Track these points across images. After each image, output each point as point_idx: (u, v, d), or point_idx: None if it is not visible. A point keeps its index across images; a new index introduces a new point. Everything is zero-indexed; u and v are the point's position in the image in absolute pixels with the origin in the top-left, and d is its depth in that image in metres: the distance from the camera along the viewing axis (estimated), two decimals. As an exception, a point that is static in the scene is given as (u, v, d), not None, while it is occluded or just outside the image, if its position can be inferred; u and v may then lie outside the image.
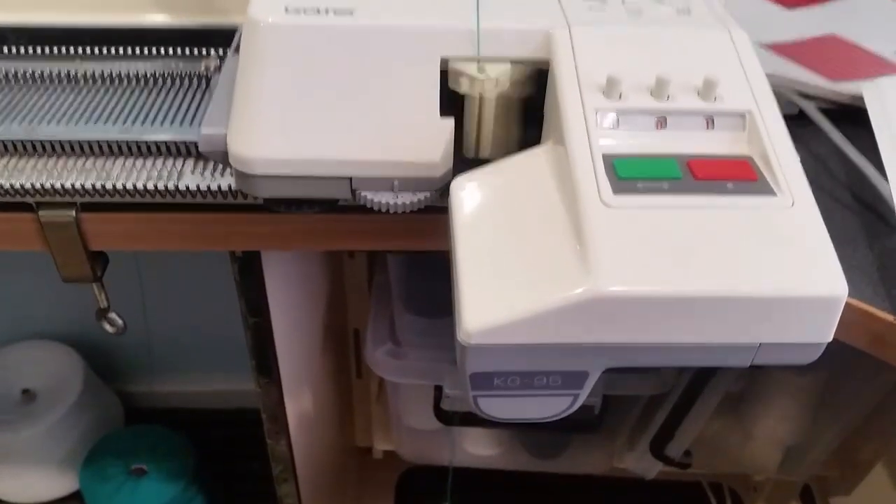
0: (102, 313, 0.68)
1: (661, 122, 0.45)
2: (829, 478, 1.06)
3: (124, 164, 0.58)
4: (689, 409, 0.87)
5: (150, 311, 1.27)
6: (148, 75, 0.66)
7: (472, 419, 0.93)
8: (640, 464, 1.00)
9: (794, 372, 0.88)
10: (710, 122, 0.46)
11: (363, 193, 0.51)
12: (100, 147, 0.58)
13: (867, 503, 1.00)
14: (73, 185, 0.56)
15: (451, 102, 0.50)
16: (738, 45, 0.50)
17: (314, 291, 0.85)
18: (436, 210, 0.52)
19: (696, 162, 0.43)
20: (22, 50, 0.66)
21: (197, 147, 0.52)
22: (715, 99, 0.46)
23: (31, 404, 1.22)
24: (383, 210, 0.51)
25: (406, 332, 0.86)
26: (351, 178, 0.51)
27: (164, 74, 0.66)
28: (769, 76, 0.48)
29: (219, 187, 0.56)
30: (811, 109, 0.62)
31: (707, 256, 0.39)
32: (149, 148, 0.59)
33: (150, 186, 0.56)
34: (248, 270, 0.65)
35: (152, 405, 1.38)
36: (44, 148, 0.58)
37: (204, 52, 0.67)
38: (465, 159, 0.52)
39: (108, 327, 0.69)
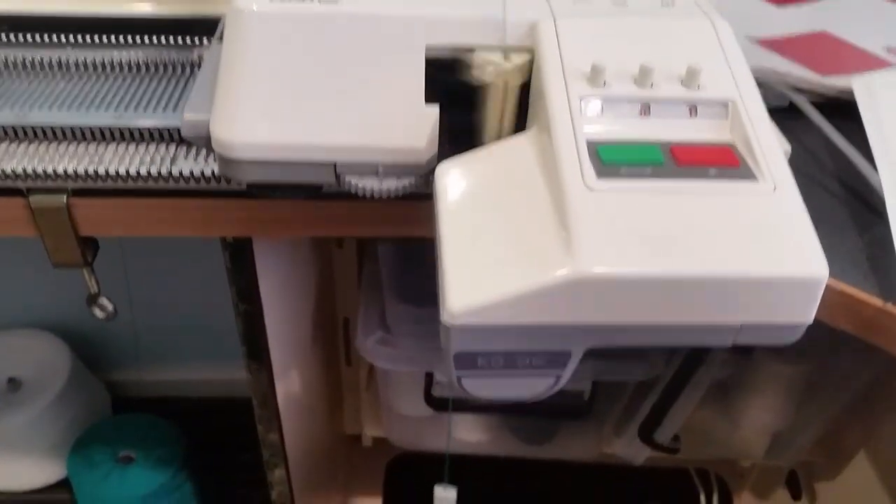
0: (93, 299, 0.68)
1: (645, 110, 0.46)
2: (814, 463, 1.07)
3: (116, 149, 0.58)
4: (678, 395, 0.87)
5: (136, 299, 1.27)
6: (140, 63, 0.66)
7: (462, 405, 0.94)
8: (629, 449, 1.00)
9: (781, 361, 0.89)
10: (693, 110, 0.46)
11: (347, 178, 0.51)
12: (92, 133, 0.59)
13: (851, 488, 1.01)
14: (65, 170, 0.56)
15: (445, 91, 0.50)
16: (721, 35, 0.50)
17: (304, 280, 0.86)
18: (422, 197, 0.53)
19: (678, 148, 0.44)
20: (12, 37, 0.66)
21: (188, 133, 0.52)
22: (698, 87, 0.47)
23: (16, 393, 1.22)
24: (367, 195, 0.52)
25: (396, 321, 0.86)
26: (335, 164, 0.51)
27: (154, 63, 0.66)
28: (761, 69, 0.49)
29: (212, 172, 0.57)
30: (802, 102, 0.63)
31: (689, 239, 0.39)
32: (141, 134, 0.59)
33: (144, 172, 0.56)
34: (240, 257, 0.65)
35: (139, 394, 1.38)
36: (35, 134, 0.59)
37: (196, 41, 0.67)
38: (448, 147, 0.52)
39: (98, 313, 0.69)
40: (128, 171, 0.56)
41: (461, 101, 0.51)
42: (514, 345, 0.41)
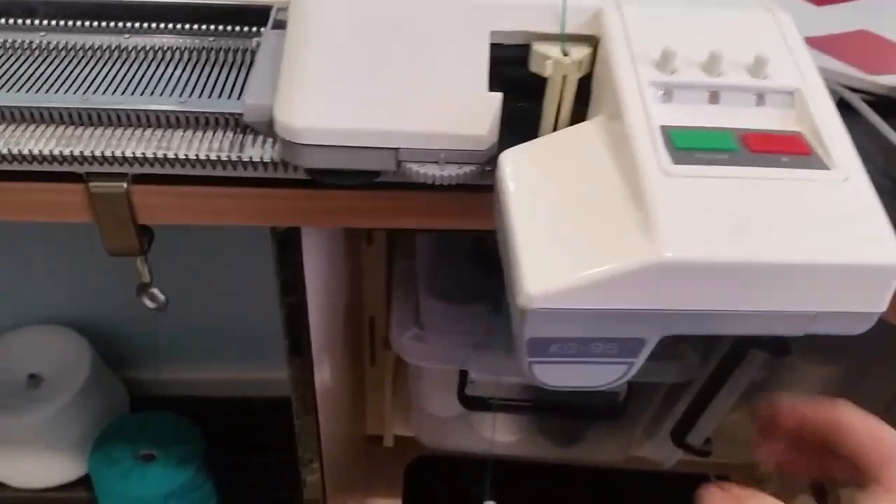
0: (144, 288, 0.68)
1: (714, 97, 0.46)
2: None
3: (183, 135, 0.58)
4: (713, 398, 0.87)
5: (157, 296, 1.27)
6: (197, 50, 0.65)
7: (497, 405, 0.93)
8: (660, 452, 1.00)
9: (815, 362, 0.88)
10: (760, 98, 0.46)
11: (408, 165, 0.51)
12: (157, 119, 0.58)
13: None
14: (124, 154, 0.55)
15: (504, 80, 0.50)
16: (783, 27, 0.50)
17: (339, 276, 0.85)
18: (478, 189, 0.53)
19: (750, 135, 0.44)
20: (71, 23, 0.66)
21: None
22: (765, 76, 0.46)
23: (37, 389, 1.21)
24: (428, 182, 0.52)
25: (431, 317, 0.86)
26: (397, 150, 0.51)
27: (210, 50, 0.65)
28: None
29: (279, 160, 0.56)
30: (855, 99, 0.63)
31: (767, 225, 0.39)
32: (207, 120, 0.58)
33: (213, 156, 0.56)
34: (287, 248, 0.64)
35: (157, 392, 1.38)
36: (99, 118, 0.58)
37: (248, 29, 0.67)
38: (509, 135, 0.52)
39: (148, 303, 0.68)
40: (197, 156, 0.56)
41: (517, 90, 0.51)
42: (589, 331, 0.40)
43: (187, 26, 0.66)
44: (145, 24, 0.66)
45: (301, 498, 0.90)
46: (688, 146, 0.42)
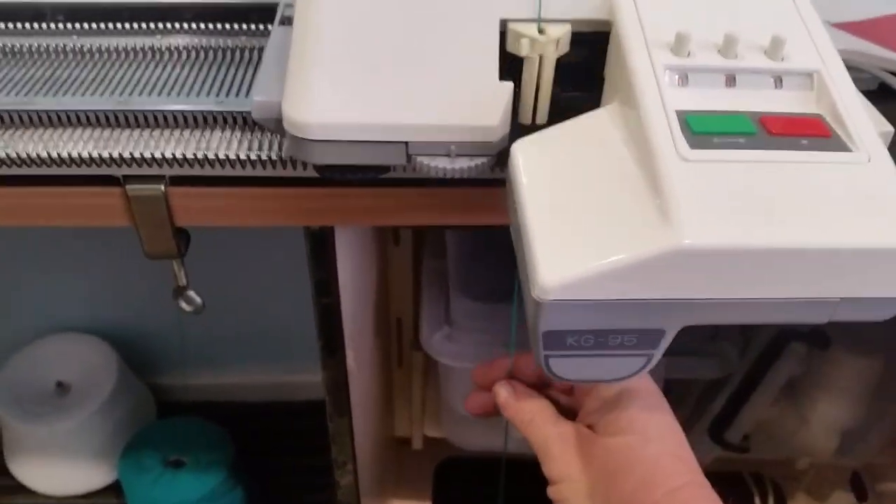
0: (180, 291, 0.67)
1: (731, 81, 0.44)
2: (879, 464, 1.04)
3: (221, 135, 0.57)
4: (752, 393, 0.85)
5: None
6: (230, 48, 0.65)
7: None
8: (696, 449, 0.98)
9: (854, 353, 0.86)
10: (778, 81, 0.45)
11: (419, 159, 0.50)
12: (194, 119, 0.57)
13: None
14: (163, 155, 0.55)
15: (509, 67, 0.49)
16: (800, 7, 0.49)
17: (368, 277, 0.84)
18: (494, 183, 0.52)
19: (768, 118, 0.43)
20: (102, 25, 0.65)
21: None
22: (783, 58, 0.45)
23: (64, 397, 1.22)
24: (439, 175, 0.51)
25: (462, 316, 0.85)
26: (407, 143, 0.50)
27: (242, 48, 0.65)
28: (847, 51, 0.47)
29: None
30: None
31: (788, 210, 0.38)
32: (244, 120, 0.58)
33: (254, 156, 0.55)
34: (321, 248, 0.64)
35: (184, 398, 1.38)
36: (136, 120, 0.57)
37: (256, 27, 0.66)
38: (519, 126, 0.51)
39: (185, 306, 0.68)
40: (238, 156, 0.55)
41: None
42: (607, 322, 0.39)
43: (196, 25, 0.66)
44: (159, 25, 0.66)
45: (332, 501, 0.90)
46: (705, 130, 0.41)
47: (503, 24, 0.48)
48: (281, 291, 1.25)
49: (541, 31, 0.48)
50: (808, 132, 0.42)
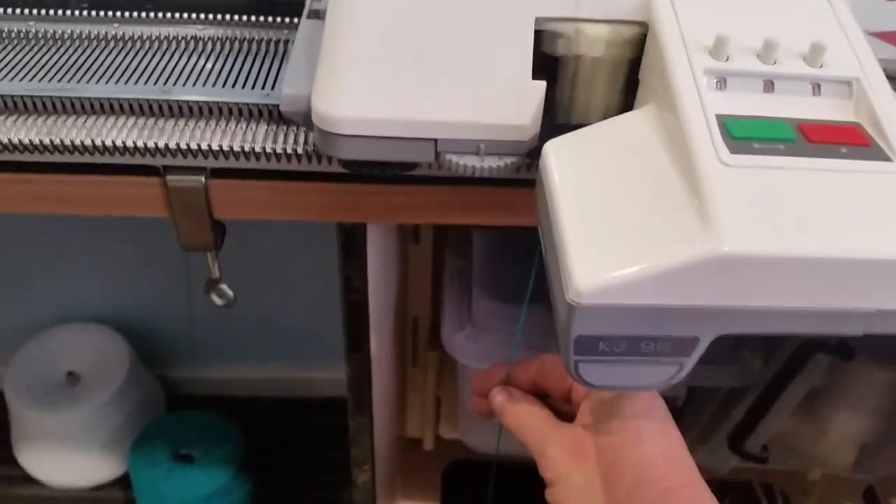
0: (213, 284, 0.67)
1: (769, 86, 0.44)
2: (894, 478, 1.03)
3: (267, 128, 0.56)
4: (773, 403, 0.85)
5: (195, 294, 1.26)
6: (257, 39, 0.65)
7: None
8: (714, 458, 0.97)
9: (879, 365, 0.85)
10: (816, 88, 0.44)
11: (448, 157, 0.50)
12: (239, 111, 0.57)
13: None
14: (209, 146, 0.54)
15: (541, 67, 0.48)
16: (839, 13, 0.48)
17: (390, 274, 0.84)
18: (523, 183, 0.51)
19: (807, 125, 0.42)
20: (144, 14, 0.65)
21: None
22: (822, 65, 0.44)
23: (75, 387, 1.21)
24: (468, 174, 0.50)
25: (485, 317, 0.84)
26: (436, 140, 0.49)
27: (269, 40, 0.65)
28: (888, 60, 0.47)
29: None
30: None
31: (829, 218, 0.37)
32: (279, 113, 0.57)
33: (300, 150, 0.55)
34: (352, 244, 0.63)
35: (193, 391, 1.37)
36: (180, 110, 0.57)
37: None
38: (551, 126, 0.50)
39: (216, 299, 0.67)
40: (285, 150, 0.55)
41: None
42: (641, 328, 0.38)
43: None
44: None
45: (345, 499, 0.89)
46: (745, 136, 0.40)
47: (540, 23, 0.47)
48: (294, 286, 1.25)
49: (581, 32, 0.47)
50: (847, 140, 0.41)
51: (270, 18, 0.65)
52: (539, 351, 0.57)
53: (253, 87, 0.59)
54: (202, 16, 0.65)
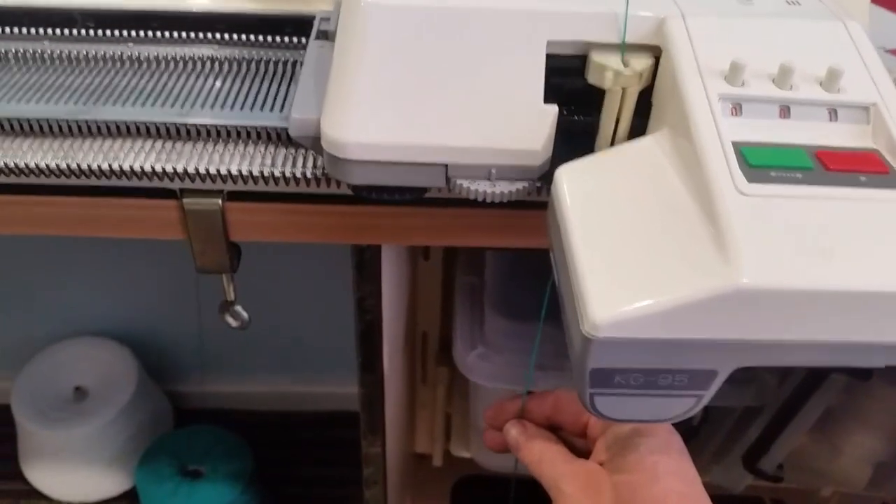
0: (227, 306, 0.66)
1: (785, 112, 0.43)
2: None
3: (286, 152, 0.56)
4: (789, 422, 0.84)
5: (204, 309, 1.26)
6: (264, 60, 0.64)
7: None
8: (728, 477, 0.97)
9: (893, 385, 0.85)
10: (833, 113, 0.43)
11: (459, 182, 0.49)
12: (258, 134, 0.56)
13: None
14: (228, 171, 0.54)
15: (557, 91, 0.48)
16: (855, 37, 0.47)
17: (401, 292, 0.83)
18: (534, 206, 0.51)
19: (824, 153, 0.41)
20: (159, 34, 0.65)
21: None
22: (838, 90, 0.44)
23: (83, 402, 1.21)
24: (479, 199, 0.49)
25: (498, 335, 0.84)
26: (447, 166, 0.49)
27: (277, 61, 0.64)
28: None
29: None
30: None
31: (848, 250, 0.36)
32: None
33: (320, 174, 0.54)
34: (368, 266, 0.63)
35: (201, 406, 1.37)
36: (198, 133, 0.56)
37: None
38: (561, 151, 0.49)
39: (231, 321, 0.67)
40: (304, 174, 0.54)
41: (571, 102, 0.48)
42: (658, 361, 0.38)
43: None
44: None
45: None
46: (762, 164, 0.39)
47: (552, 47, 0.47)
48: (303, 301, 1.24)
49: (625, 64, 0.46)
50: (866, 168, 0.40)
51: (280, 38, 0.65)
52: (551, 371, 0.56)
53: (272, 109, 0.58)
54: (211, 35, 0.65)
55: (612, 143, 0.49)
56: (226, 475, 1.15)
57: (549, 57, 0.47)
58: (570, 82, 0.48)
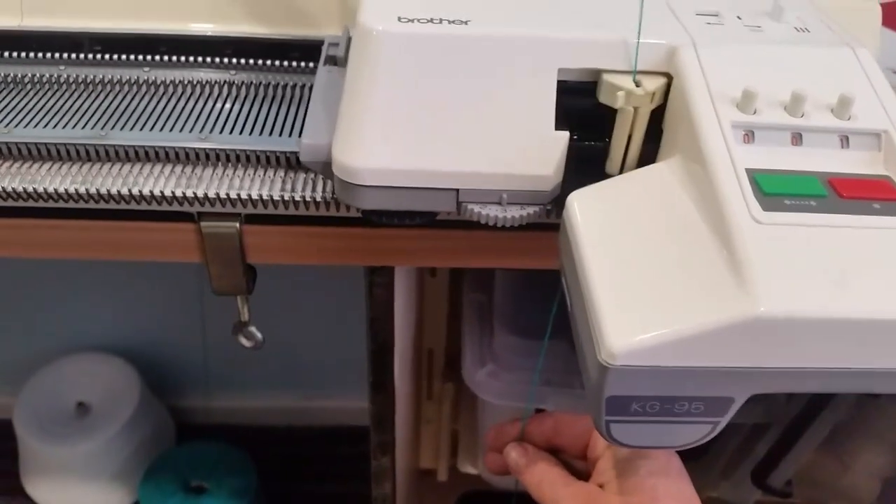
0: (241, 326, 0.66)
1: (797, 139, 0.43)
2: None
3: (305, 177, 0.56)
4: (798, 438, 0.84)
5: (209, 324, 1.26)
6: (273, 84, 0.65)
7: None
8: (736, 493, 0.96)
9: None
10: (844, 140, 0.44)
11: (470, 206, 0.49)
12: (277, 159, 0.57)
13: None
14: (249, 196, 0.54)
15: (567, 116, 0.48)
16: (865, 64, 0.47)
17: (410, 311, 0.84)
18: (544, 227, 0.51)
19: (837, 180, 0.41)
20: (176, 58, 0.65)
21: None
22: (850, 117, 0.44)
23: (85, 418, 1.20)
24: (490, 224, 0.50)
25: (507, 352, 0.84)
26: (458, 191, 0.49)
27: (285, 85, 0.65)
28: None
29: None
30: None
31: (866, 277, 0.36)
32: None
33: (330, 198, 0.55)
34: (382, 287, 0.63)
35: (204, 421, 1.37)
36: (217, 158, 0.57)
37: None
38: (575, 176, 0.50)
39: (244, 341, 0.67)
40: (324, 198, 0.55)
41: (582, 127, 0.49)
42: (675, 389, 0.38)
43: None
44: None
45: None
46: (776, 191, 0.39)
47: (563, 74, 0.47)
48: (307, 316, 1.24)
49: (637, 84, 0.47)
50: (879, 195, 0.41)
51: (289, 63, 0.66)
52: (560, 388, 0.57)
53: (290, 135, 0.59)
54: (219, 60, 0.65)
55: (623, 166, 0.49)
56: (230, 491, 1.14)
57: (560, 81, 0.47)
58: (580, 102, 0.48)
